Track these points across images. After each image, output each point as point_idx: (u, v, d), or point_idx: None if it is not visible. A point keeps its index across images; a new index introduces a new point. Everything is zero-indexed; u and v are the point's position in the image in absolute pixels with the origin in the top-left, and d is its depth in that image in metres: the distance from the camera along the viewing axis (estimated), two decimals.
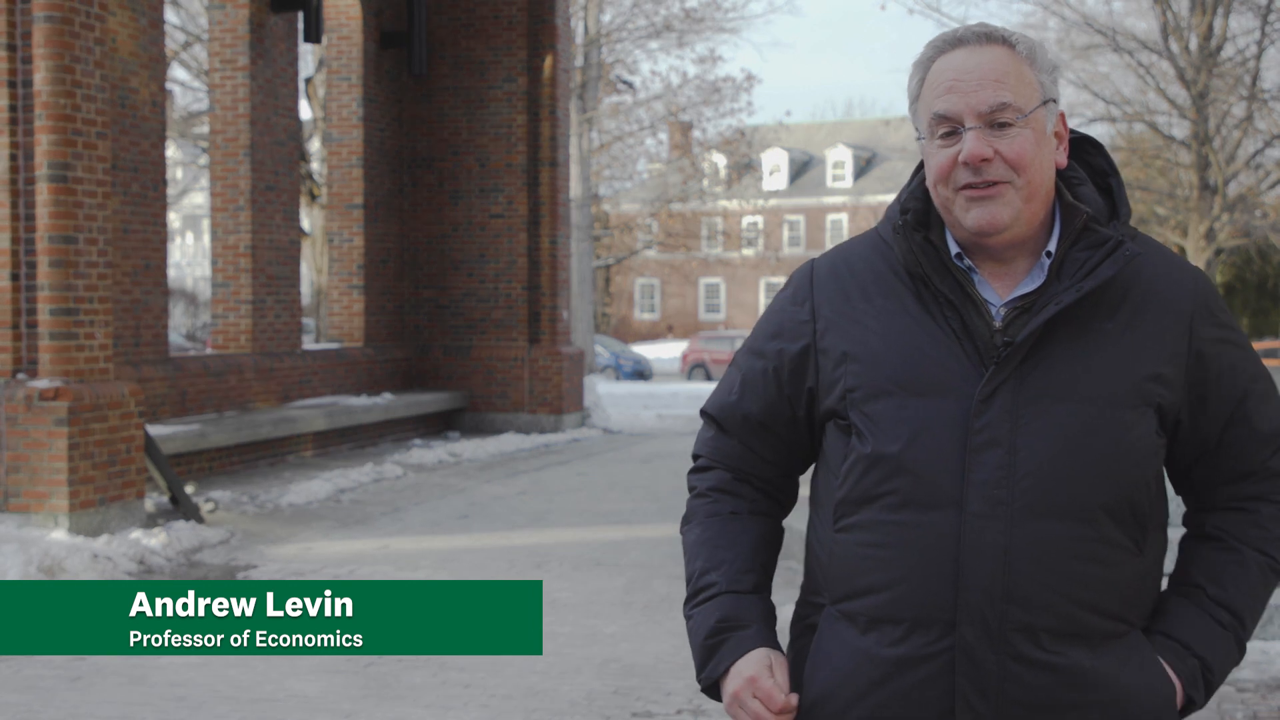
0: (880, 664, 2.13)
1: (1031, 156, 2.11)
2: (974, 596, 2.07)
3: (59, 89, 9.24)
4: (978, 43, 2.14)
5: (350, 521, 10.71)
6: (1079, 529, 2.08)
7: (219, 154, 14.20)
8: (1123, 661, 2.12)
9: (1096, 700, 2.09)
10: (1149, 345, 2.13)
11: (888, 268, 2.21)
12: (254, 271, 14.10)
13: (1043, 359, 2.10)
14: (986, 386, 2.08)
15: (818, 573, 2.25)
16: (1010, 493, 2.07)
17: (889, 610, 2.12)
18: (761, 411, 2.30)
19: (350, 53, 16.27)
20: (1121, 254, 2.13)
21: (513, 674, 6.31)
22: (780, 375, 2.27)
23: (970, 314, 2.12)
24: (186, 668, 6.38)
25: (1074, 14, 31.31)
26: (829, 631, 2.20)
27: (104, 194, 9.65)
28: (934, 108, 2.13)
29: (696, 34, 32.69)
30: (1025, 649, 2.07)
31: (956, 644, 2.08)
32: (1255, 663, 6.33)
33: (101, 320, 9.61)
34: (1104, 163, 2.26)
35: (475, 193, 17.02)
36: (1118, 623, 2.13)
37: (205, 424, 12.31)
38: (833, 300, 2.22)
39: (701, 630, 2.24)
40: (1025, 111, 2.10)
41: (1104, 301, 2.13)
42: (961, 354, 2.11)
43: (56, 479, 9.10)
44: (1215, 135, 30.49)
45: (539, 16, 16.88)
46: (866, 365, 2.15)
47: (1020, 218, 2.12)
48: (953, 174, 2.11)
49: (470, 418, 16.97)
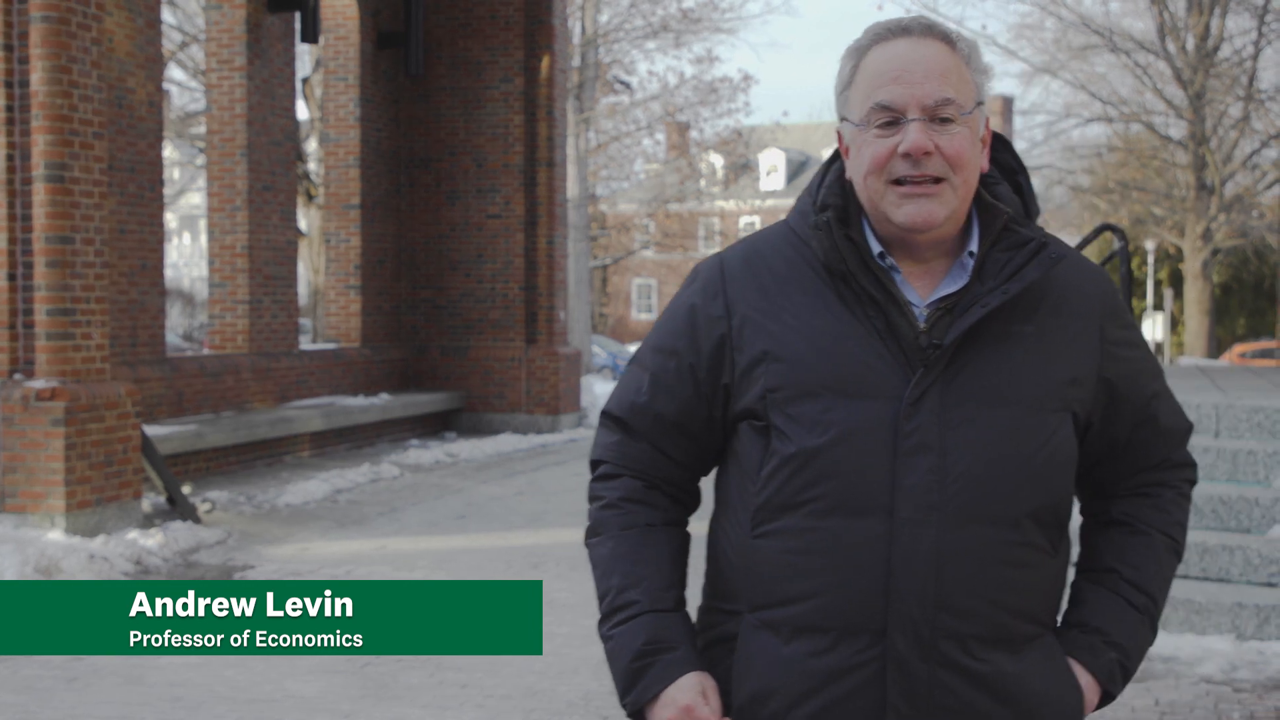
0: (808, 675, 2.08)
1: (969, 156, 2.08)
2: (906, 604, 2.03)
3: (56, 89, 9.23)
4: (922, 34, 2.10)
5: (347, 522, 10.71)
6: (1006, 533, 2.06)
7: (216, 154, 14.19)
8: (1039, 665, 2.13)
9: (1016, 708, 2.09)
10: (1065, 349, 2.12)
11: (804, 263, 2.15)
12: (251, 272, 14.09)
13: (967, 362, 2.07)
14: (915, 389, 2.05)
15: (729, 579, 2.18)
16: (942, 497, 2.03)
17: (815, 619, 2.07)
18: (676, 412, 2.21)
19: (347, 53, 16.26)
20: (1047, 256, 2.11)
21: (510, 674, 6.30)
22: (697, 373, 2.18)
23: (894, 314, 2.08)
24: (184, 668, 6.37)
25: (1071, 14, 31.35)
26: (750, 641, 2.13)
27: (100, 194, 9.64)
28: (876, 97, 2.07)
29: (694, 34, 32.67)
30: (955, 656, 2.05)
31: (887, 653, 2.05)
32: (1252, 663, 6.34)
33: (98, 320, 9.61)
34: (1012, 160, 2.23)
35: (472, 193, 17.01)
36: (1036, 625, 2.13)
37: (202, 424, 12.30)
38: (748, 295, 2.15)
39: (625, 652, 2.17)
40: (966, 110, 2.07)
41: (1022, 304, 2.10)
42: (887, 355, 2.07)
43: (53, 479, 9.09)
44: (1212, 135, 30.52)
45: (536, 17, 16.87)
46: (790, 365, 2.09)
47: (952, 216, 2.09)
48: (889, 165, 2.07)
49: (467, 418, 16.96)
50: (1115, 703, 5.79)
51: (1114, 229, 9.17)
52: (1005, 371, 2.08)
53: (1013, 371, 2.08)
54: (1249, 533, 7.34)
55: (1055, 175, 34.73)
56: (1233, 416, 8.15)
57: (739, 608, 2.16)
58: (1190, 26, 30.12)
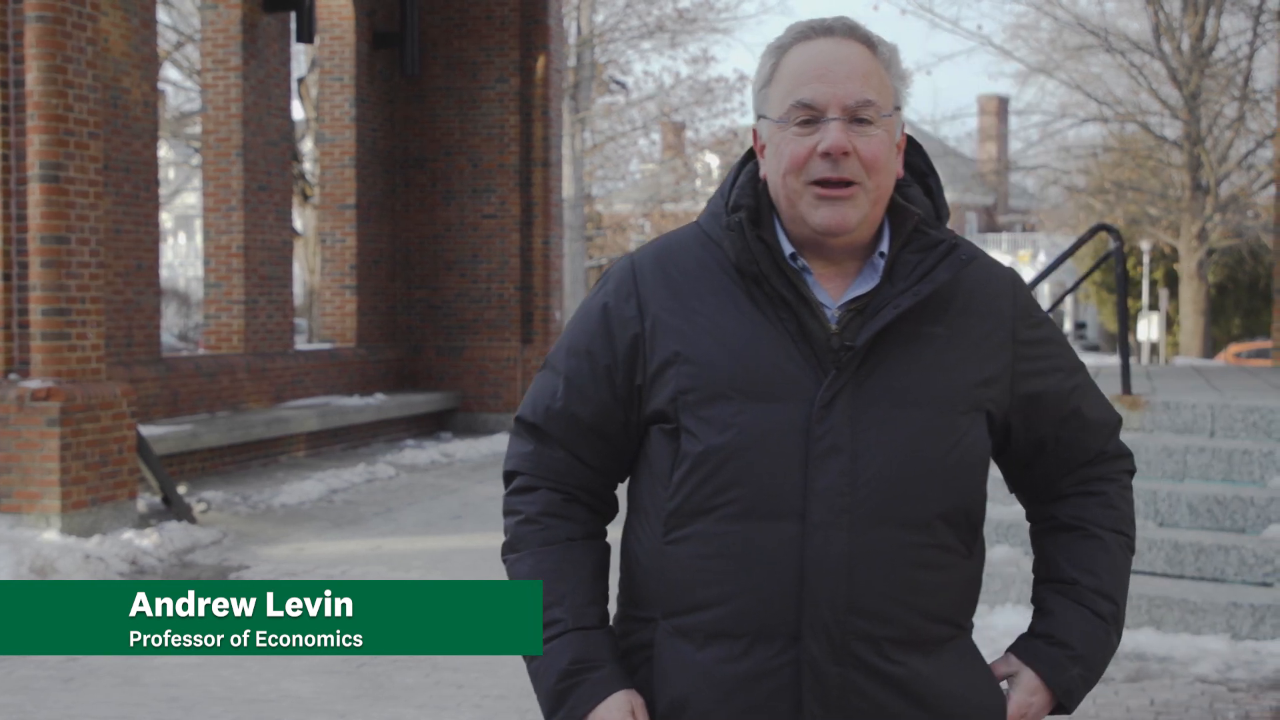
0: (722, 681, 2.07)
1: (885, 159, 2.08)
2: (819, 608, 2.03)
3: (51, 89, 9.22)
4: (845, 35, 2.09)
5: (343, 522, 10.70)
6: (918, 536, 2.06)
7: (211, 154, 14.18)
8: (954, 667, 2.12)
9: (930, 710, 2.08)
10: (976, 350, 2.12)
11: (716, 264, 2.13)
12: (246, 272, 14.08)
13: (878, 364, 2.07)
14: (827, 391, 2.04)
15: (643, 586, 2.17)
16: (853, 500, 2.03)
17: (728, 625, 2.07)
18: (592, 415, 2.18)
19: (343, 53, 16.25)
20: (957, 258, 2.11)
21: (506, 674, 6.30)
22: (613, 374, 2.15)
23: (806, 316, 2.07)
24: (180, 668, 6.37)
25: (1066, 14, 31.36)
26: (665, 649, 2.13)
27: (96, 194, 9.63)
28: (797, 94, 2.06)
29: (689, 34, 32.69)
30: (869, 659, 2.05)
31: (800, 657, 2.04)
32: (1247, 663, 6.34)
33: (93, 320, 9.60)
34: (922, 163, 2.22)
35: (468, 193, 17.00)
36: (951, 627, 2.13)
37: (197, 424, 12.29)
38: (660, 296, 2.13)
39: (551, 673, 2.15)
40: (885, 113, 2.07)
41: (932, 306, 2.10)
42: (799, 357, 2.06)
43: (48, 479, 9.08)
44: (1207, 136, 30.55)
45: (531, 17, 16.87)
46: (701, 367, 2.08)
47: (866, 220, 2.09)
48: (808, 165, 2.06)
49: (463, 418, 16.95)
50: (1112, 703, 5.80)
51: (1109, 229, 9.18)
52: (916, 373, 2.08)
53: (923, 373, 2.08)
54: (1244, 533, 7.35)
55: (1050, 175, 34.76)
56: (1228, 416, 8.16)
57: (653, 614, 2.15)
58: (1185, 27, 30.15)
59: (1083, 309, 58.71)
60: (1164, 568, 7.21)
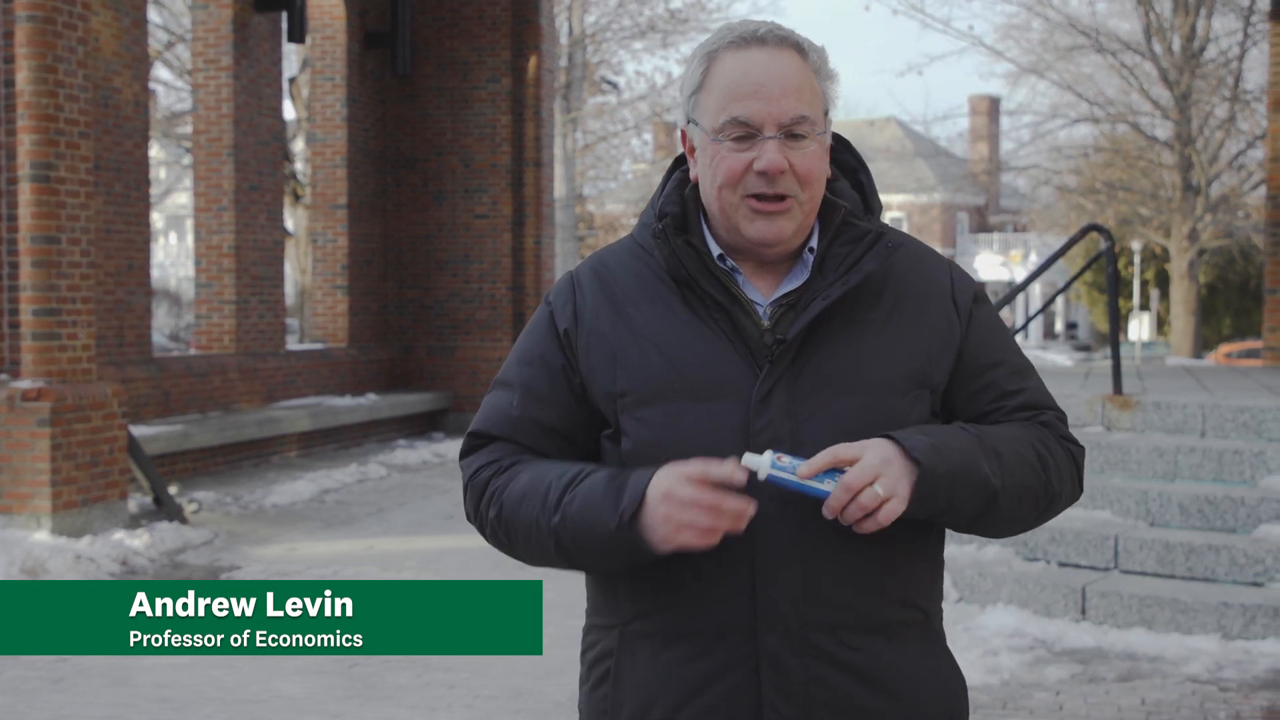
0: (685, 680, 2.08)
1: (818, 172, 2.10)
2: (773, 600, 2.04)
3: (41, 89, 9.20)
4: (776, 45, 2.10)
5: (335, 522, 10.69)
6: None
7: (202, 154, 14.16)
8: (917, 651, 2.13)
9: (893, 696, 2.09)
10: (915, 328, 2.14)
11: (650, 273, 2.16)
12: (237, 272, 14.06)
13: (814, 354, 2.09)
14: (762, 386, 2.06)
15: (604, 593, 2.19)
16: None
17: (686, 625, 2.08)
18: (555, 418, 2.17)
19: (334, 53, 16.23)
20: (883, 246, 2.14)
21: (498, 674, 6.30)
22: (569, 374, 2.15)
23: (738, 314, 2.10)
24: (171, 668, 6.36)
25: (1057, 15, 31.41)
26: (626, 654, 2.14)
27: (87, 194, 9.62)
28: (732, 111, 2.07)
29: (681, 34, 32.70)
30: (828, 647, 2.06)
31: (759, 650, 2.05)
32: (1238, 662, 6.36)
33: (84, 321, 9.58)
34: (852, 159, 2.25)
35: (459, 193, 16.99)
36: (913, 610, 2.14)
37: (189, 424, 12.28)
38: (598, 305, 2.16)
39: (595, 489, 2.03)
40: (818, 126, 2.09)
41: (866, 293, 2.13)
42: (735, 355, 2.09)
43: (39, 480, 9.07)
44: (1198, 136, 30.60)
45: (523, 17, 16.86)
46: (638, 370, 2.10)
47: (800, 229, 2.11)
48: (744, 180, 2.08)
49: (454, 418, 16.93)
50: (1103, 703, 5.80)
51: (1100, 229, 9.19)
52: (851, 360, 2.09)
53: (859, 359, 2.10)
54: (1235, 532, 7.36)
55: (1042, 176, 34.79)
56: (1219, 416, 8.17)
57: (614, 621, 2.17)
58: (1176, 27, 30.20)
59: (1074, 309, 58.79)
60: (1155, 568, 7.23)
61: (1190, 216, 30.92)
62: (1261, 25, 27.42)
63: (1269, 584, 6.95)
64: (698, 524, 1.95)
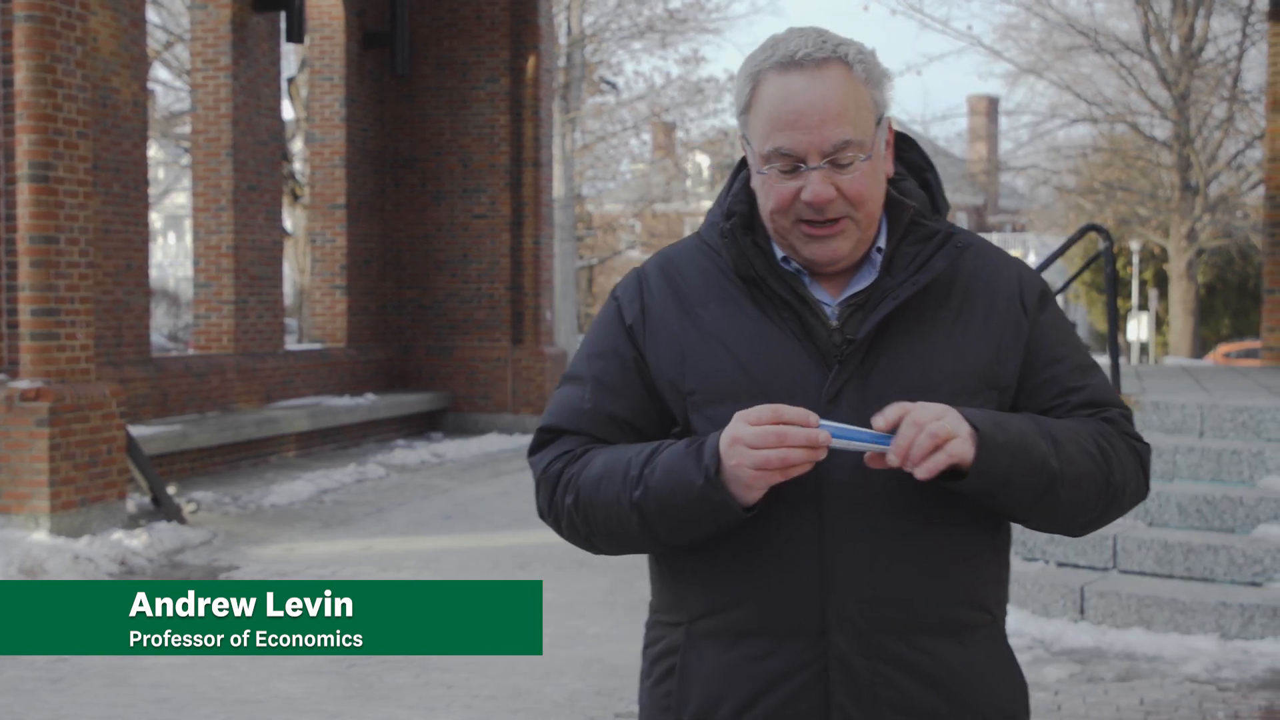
0: (753, 679, 2.07)
1: (870, 191, 2.08)
2: (842, 601, 2.04)
3: (40, 89, 9.20)
4: (816, 67, 2.05)
5: (333, 522, 10.69)
6: (937, 520, 2.06)
7: (201, 154, 14.15)
8: (983, 656, 2.12)
9: (962, 698, 2.08)
10: (984, 328, 2.13)
11: (718, 271, 2.16)
12: (236, 272, 14.06)
13: (883, 354, 2.08)
14: (832, 386, 2.06)
15: (670, 590, 2.18)
16: (867, 492, 2.04)
17: (754, 623, 2.07)
18: (628, 410, 2.16)
19: (333, 53, 16.23)
20: (953, 246, 2.13)
21: (496, 674, 6.30)
22: (641, 366, 2.15)
23: (806, 315, 2.09)
24: (170, 669, 6.36)
25: (1056, 15, 31.42)
26: (693, 651, 2.13)
27: (85, 194, 9.61)
28: (774, 141, 2.05)
29: (679, 35, 32.68)
30: (897, 649, 2.05)
31: (828, 651, 2.05)
32: (1236, 662, 6.36)
33: (83, 321, 9.58)
34: (919, 158, 2.24)
35: (458, 193, 16.99)
36: (981, 611, 2.13)
37: (187, 424, 12.27)
38: (665, 302, 2.16)
39: (675, 454, 2.03)
40: (867, 146, 2.06)
41: (935, 293, 2.12)
42: (804, 355, 2.08)
43: (37, 480, 9.06)
44: (1197, 136, 30.61)
45: (522, 17, 16.86)
46: (707, 369, 2.10)
47: (859, 243, 2.11)
48: (793, 207, 2.07)
49: (453, 418, 16.94)
50: (1102, 703, 5.80)
51: (1099, 229, 9.19)
52: (921, 361, 2.09)
53: (928, 360, 2.09)
54: (1233, 532, 7.36)
55: (1040, 176, 34.80)
56: (1217, 416, 8.17)
57: (680, 619, 2.16)
58: (1175, 27, 30.20)
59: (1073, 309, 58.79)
60: (1153, 568, 7.23)
61: (1189, 216, 30.92)
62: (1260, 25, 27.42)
63: (1267, 584, 6.95)
64: (770, 461, 1.93)
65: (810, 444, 1.93)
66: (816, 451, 1.94)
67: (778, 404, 1.96)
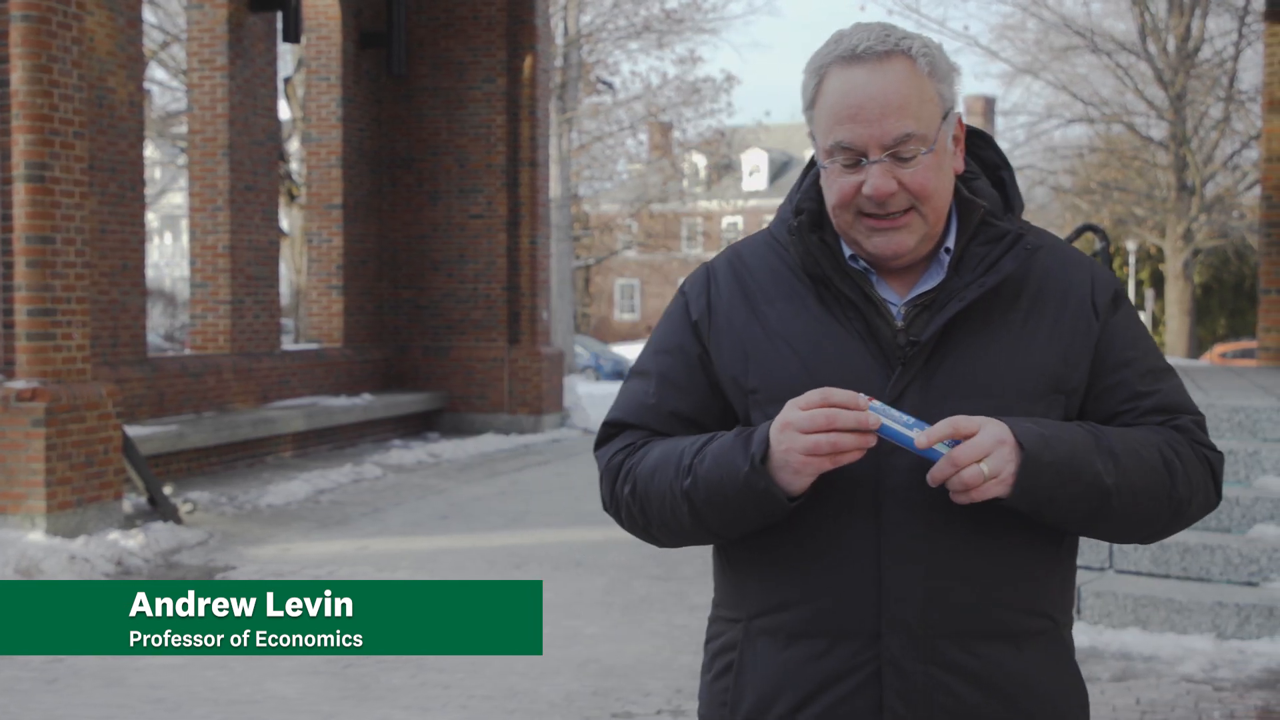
0: (807, 679, 2.07)
1: (935, 184, 2.05)
2: (897, 604, 2.02)
3: (36, 88, 9.19)
4: (878, 60, 2.03)
5: (329, 522, 10.68)
6: (996, 525, 2.04)
7: (197, 154, 14.14)
8: (1043, 662, 2.09)
9: (1019, 705, 2.06)
10: (1052, 332, 2.10)
11: (786, 268, 2.15)
12: (232, 272, 14.05)
13: (948, 356, 2.06)
14: (894, 387, 2.04)
15: (731, 586, 2.18)
16: (926, 495, 2.01)
17: (810, 624, 2.07)
18: (692, 408, 2.17)
19: (329, 53, 16.23)
20: (1022, 247, 2.09)
21: (492, 675, 6.30)
22: (706, 363, 2.16)
23: (872, 314, 2.07)
24: (165, 669, 6.35)
25: (1053, 15, 31.45)
26: (750, 649, 2.13)
27: (81, 194, 9.60)
28: (835, 135, 2.04)
29: (676, 35, 32.69)
30: (951, 654, 2.03)
31: (882, 654, 2.04)
32: (1232, 662, 6.36)
33: (79, 321, 9.57)
34: (995, 156, 2.21)
35: (455, 193, 16.99)
36: (1042, 618, 2.10)
37: (183, 425, 12.26)
38: (733, 299, 2.16)
39: (725, 443, 2.04)
40: (929, 139, 2.03)
41: (1004, 295, 2.09)
42: (867, 355, 2.06)
43: (33, 480, 9.05)
44: (1193, 136, 30.64)
45: (518, 17, 16.86)
46: (771, 367, 2.09)
47: (925, 238, 2.08)
48: (855, 201, 2.05)
49: (449, 418, 16.94)
50: (1098, 702, 5.80)
51: (1095, 229, 9.20)
52: (986, 364, 2.06)
53: (994, 363, 2.06)
54: (1229, 532, 7.36)
55: (1037, 176, 34.82)
56: (1213, 416, 8.17)
57: (740, 615, 2.15)
58: (1171, 28, 30.23)
59: None
60: (1150, 567, 7.23)
61: (1185, 216, 30.95)
62: (1256, 25, 27.44)
63: (1264, 584, 6.95)
64: (819, 446, 1.92)
65: (860, 426, 1.92)
66: (866, 437, 1.93)
67: (827, 387, 1.95)
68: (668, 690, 6.08)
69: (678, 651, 6.65)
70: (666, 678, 6.27)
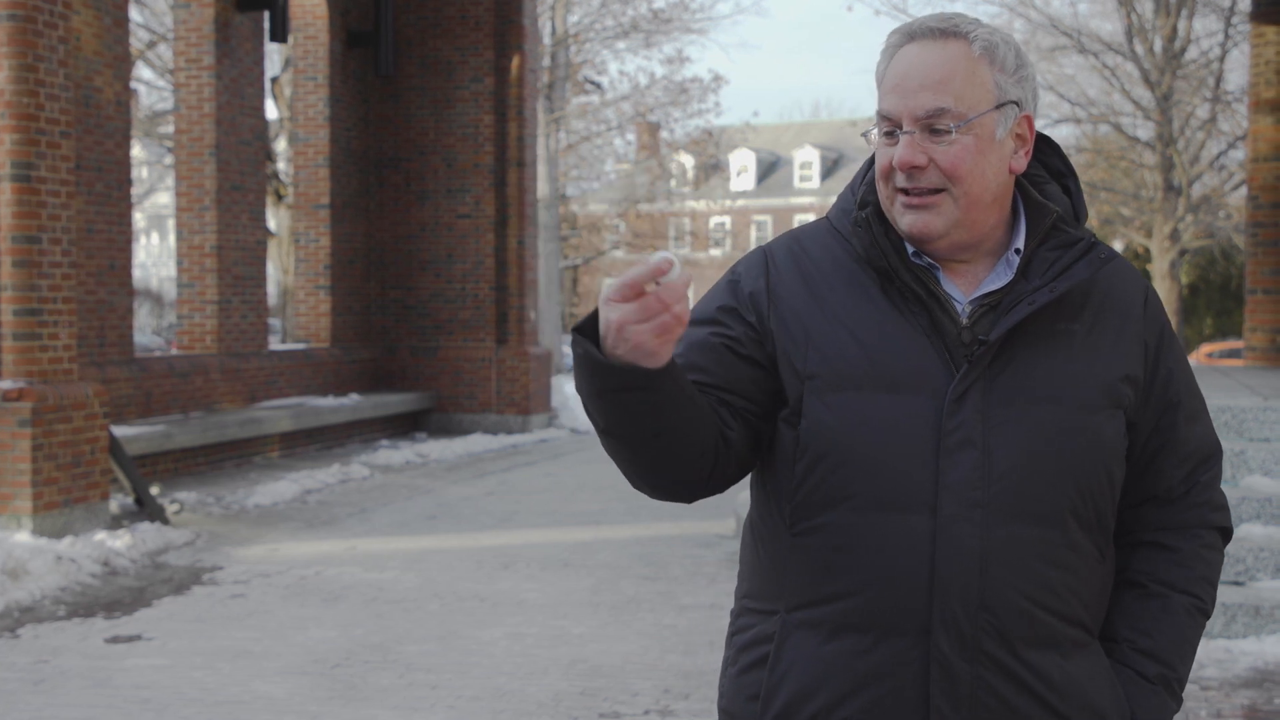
0: (850, 674, 2.03)
1: (969, 166, 2.02)
2: (949, 603, 1.99)
3: (22, 88, 9.17)
4: (931, 38, 2.04)
5: (317, 523, 10.67)
6: (1051, 534, 2.02)
7: (184, 153, 14.12)
8: (1087, 672, 2.09)
9: (1062, 711, 2.05)
10: (1114, 347, 2.09)
11: (847, 257, 2.12)
12: (220, 272, 14.03)
13: (1012, 359, 2.04)
14: (959, 385, 2.01)
15: (767, 577, 2.13)
16: (985, 495, 1.99)
17: (857, 618, 2.03)
18: (722, 379, 2.07)
19: (317, 52, 16.21)
20: (1096, 256, 2.08)
21: (480, 675, 6.29)
22: (742, 344, 2.08)
23: (936, 310, 2.05)
24: (151, 670, 6.34)
25: (1040, 15, 31.51)
26: (788, 642, 2.08)
27: (68, 194, 9.58)
28: (879, 106, 2.06)
29: (664, 35, 32.70)
30: (1000, 657, 2.01)
31: (930, 653, 2.00)
32: (1219, 661, 6.37)
33: (65, 321, 9.55)
34: (1060, 163, 2.20)
35: (442, 193, 16.98)
36: (1082, 631, 2.09)
37: (170, 425, 12.24)
38: (791, 282, 2.11)
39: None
40: (967, 117, 2.01)
41: (1070, 303, 2.08)
42: (930, 351, 2.03)
43: (20, 480, 9.03)
44: (1180, 137, 30.72)
45: (506, 17, 16.86)
46: (831, 354, 2.04)
47: (959, 225, 2.05)
48: (892, 174, 2.05)
49: (437, 418, 16.93)
50: None
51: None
52: (1050, 370, 2.05)
53: (1058, 370, 2.05)
54: None
55: None
56: None
57: (775, 607, 2.11)
58: (1158, 28, 30.31)
59: None
60: None
61: (1172, 217, 31.03)
62: (1242, 26, 27.53)
63: (1250, 583, 6.97)
64: (647, 340, 1.80)
65: (654, 273, 1.78)
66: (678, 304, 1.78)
67: (627, 274, 1.79)
68: (655, 690, 6.08)
69: (666, 651, 6.65)
70: (654, 678, 6.26)
